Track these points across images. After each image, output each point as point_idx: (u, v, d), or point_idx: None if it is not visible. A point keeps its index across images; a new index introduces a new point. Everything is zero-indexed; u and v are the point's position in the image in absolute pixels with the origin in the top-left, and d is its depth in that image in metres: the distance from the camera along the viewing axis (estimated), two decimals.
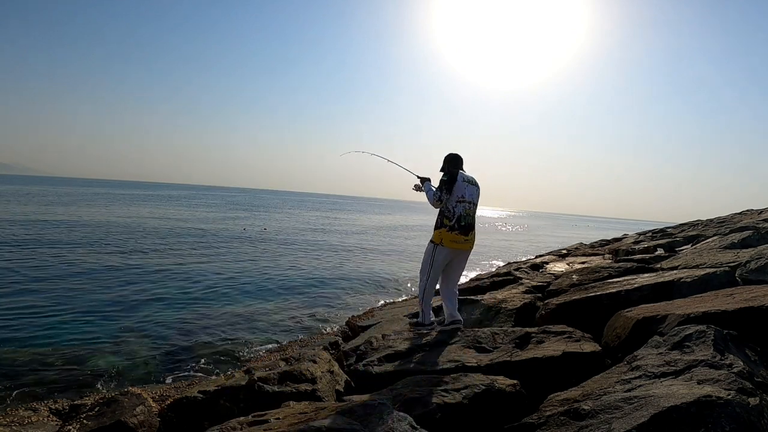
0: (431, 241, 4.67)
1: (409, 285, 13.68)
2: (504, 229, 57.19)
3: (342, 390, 4.14)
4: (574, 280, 6.90)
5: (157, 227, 24.72)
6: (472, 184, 4.72)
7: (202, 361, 6.66)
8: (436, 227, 4.64)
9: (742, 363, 2.77)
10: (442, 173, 4.76)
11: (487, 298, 6.74)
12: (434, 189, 4.72)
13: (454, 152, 4.80)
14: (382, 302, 10.76)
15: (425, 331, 4.74)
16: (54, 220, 24.21)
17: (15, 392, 5.27)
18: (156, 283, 11.42)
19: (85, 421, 3.73)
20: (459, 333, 4.66)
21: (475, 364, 3.82)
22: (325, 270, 15.38)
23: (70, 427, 3.68)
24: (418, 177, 5.15)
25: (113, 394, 4.33)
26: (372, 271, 15.91)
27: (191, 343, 7.38)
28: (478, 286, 9.11)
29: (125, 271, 12.41)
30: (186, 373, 6.21)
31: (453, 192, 4.55)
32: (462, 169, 4.78)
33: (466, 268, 5.00)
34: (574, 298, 5.37)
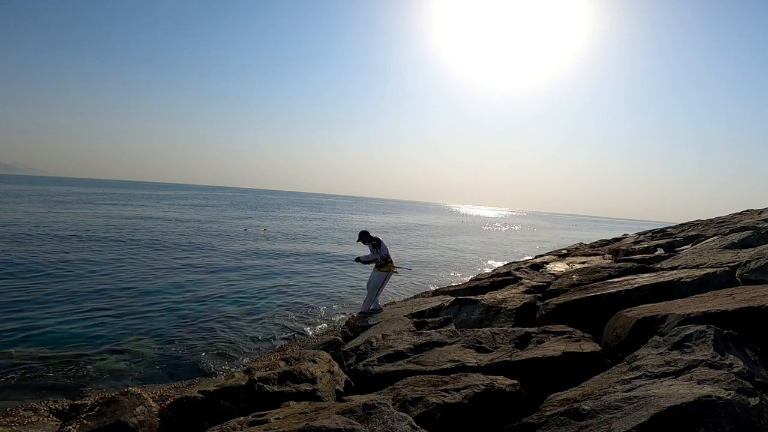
0: (383, 272, 8.39)
1: (408, 285, 13.69)
2: (504, 229, 57.18)
3: (342, 390, 4.14)
4: (574, 280, 6.90)
5: (157, 227, 24.73)
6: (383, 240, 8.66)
7: (202, 361, 6.66)
8: (385, 265, 8.41)
9: (742, 363, 2.77)
10: (362, 241, 8.63)
11: (487, 298, 6.74)
12: (371, 254, 8.45)
13: (364, 229, 8.81)
14: (382, 303, 10.74)
15: (372, 314, 8.16)
16: (54, 220, 24.23)
17: (15, 392, 5.27)
18: (156, 283, 11.43)
19: (85, 421, 3.73)
20: (459, 333, 4.68)
21: (475, 364, 3.82)
22: (325, 270, 15.39)
23: (70, 427, 3.68)
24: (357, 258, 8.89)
25: (113, 394, 4.33)
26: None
27: (191, 343, 7.38)
28: (478, 286, 9.10)
29: (125, 271, 12.42)
30: (186, 373, 6.21)
31: (382, 249, 8.39)
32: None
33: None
34: (574, 298, 5.37)
